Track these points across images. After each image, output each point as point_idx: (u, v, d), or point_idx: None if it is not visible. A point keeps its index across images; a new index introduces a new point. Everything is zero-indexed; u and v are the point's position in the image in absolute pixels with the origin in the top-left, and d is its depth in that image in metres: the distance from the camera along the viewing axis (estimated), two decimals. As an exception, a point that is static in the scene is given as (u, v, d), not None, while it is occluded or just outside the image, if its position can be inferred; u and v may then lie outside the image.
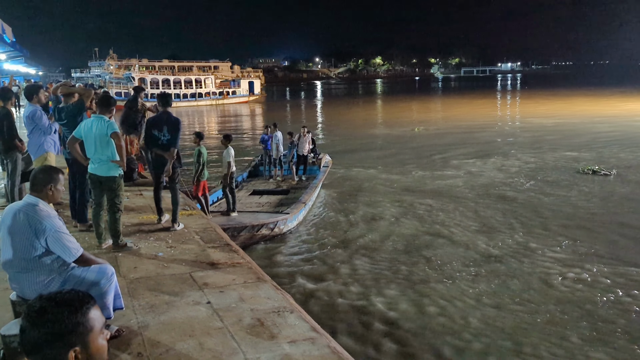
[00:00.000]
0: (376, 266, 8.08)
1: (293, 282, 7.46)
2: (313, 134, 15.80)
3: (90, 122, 5.27)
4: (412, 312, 6.50)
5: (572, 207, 11.43)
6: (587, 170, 14.71)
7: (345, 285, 7.33)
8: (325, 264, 8.22)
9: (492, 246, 8.84)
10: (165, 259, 5.39)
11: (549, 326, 6.07)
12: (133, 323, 3.93)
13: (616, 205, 11.53)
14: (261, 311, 4.21)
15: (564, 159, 17.37)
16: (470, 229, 9.85)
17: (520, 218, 10.50)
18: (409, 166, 16.94)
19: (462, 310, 6.50)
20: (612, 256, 8.40)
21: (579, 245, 8.90)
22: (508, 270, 7.79)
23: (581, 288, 7.15)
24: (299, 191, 11.89)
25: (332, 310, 6.47)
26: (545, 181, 14.07)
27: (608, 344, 5.69)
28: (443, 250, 8.74)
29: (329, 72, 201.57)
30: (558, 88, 73.79)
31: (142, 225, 6.69)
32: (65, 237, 3.24)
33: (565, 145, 20.66)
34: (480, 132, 26.51)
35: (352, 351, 5.12)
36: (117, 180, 5.36)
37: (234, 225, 8.68)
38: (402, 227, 10.09)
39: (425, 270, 7.84)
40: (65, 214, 6.91)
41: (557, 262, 8.12)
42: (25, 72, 39.55)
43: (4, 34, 20.45)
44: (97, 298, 3.46)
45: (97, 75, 66.67)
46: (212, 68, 70.47)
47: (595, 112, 35.45)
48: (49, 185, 3.29)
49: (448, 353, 5.53)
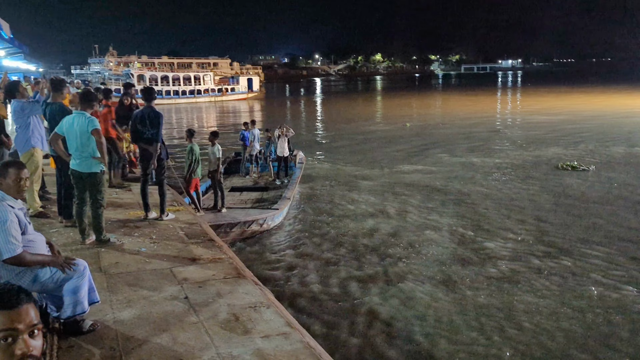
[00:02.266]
0: (356, 261, 8.14)
1: (277, 277, 7.48)
2: (309, 129, 15.81)
3: (72, 119, 5.30)
4: (394, 308, 6.52)
5: (533, 201, 11.59)
6: (565, 167, 14.91)
7: (328, 279, 7.34)
8: (310, 258, 8.23)
9: (453, 243, 8.88)
10: (147, 254, 5.42)
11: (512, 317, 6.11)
12: (109, 318, 3.96)
13: (578, 198, 11.81)
14: (238, 306, 4.24)
15: (547, 155, 17.50)
16: (437, 223, 9.93)
17: (484, 214, 10.70)
18: (388, 161, 17.21)
19: (448, 308, 6.52)
20: (555, 245, 8.68)
21: (528, 237, 9.16)
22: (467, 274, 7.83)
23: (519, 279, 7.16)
24: (277, 188, 11.99)
25: (314, 306, 6.48)
26: (519, 177, 14.20)
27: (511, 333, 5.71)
28: (424, 246, 8.77)
29: (329, 69, 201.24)
30: (558, 85, 73.72)
31: (128, 221, 6.72)
32: (6, 234, 3.10)
33: (553, 141, 20.86)
34: (471, 128, 26.63)
35: (330, 346, 5.16)
36: (98, 176, 5.39)
37: (228, 221, 8.71)
38: (377, 222, 10.21)
39: (405, 265, 7.87)
40: (52, 209, 6.98)
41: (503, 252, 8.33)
42: (25, 69, 39.45)
43: (2, 30, 20.48)
44: (71, 292, 3.50)
45: (96, 72, 66.73)
46: (211, 65, 70.48)
47: (590, 108, 35.62)
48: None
49: (427, 348, 5.55)
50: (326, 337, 5.58)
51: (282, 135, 12.82)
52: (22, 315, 1.39)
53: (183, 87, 58.69)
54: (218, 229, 8.33)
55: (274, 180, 12.73)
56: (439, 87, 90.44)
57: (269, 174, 13.26)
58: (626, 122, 27.38)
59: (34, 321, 1.41)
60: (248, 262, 7.05)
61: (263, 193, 11.61)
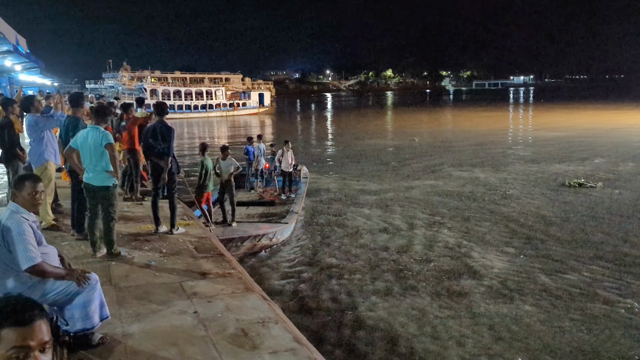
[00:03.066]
0: (364, 275, 8.12)
1: (286, 291, 7.47)
2: (318, 143, 16.00)
3: (86, 133, 5.38)
4: (401, 325, 6.47)
5: (539, 217, 11.58)
6: (573, 184, 14.96)
7: (336, 294, 7.33)
8: (318, 273, 8.25)
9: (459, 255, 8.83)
10: (157, 268, 5.44)
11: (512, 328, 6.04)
12: (118, 331, 3.97)
13: (579, 214, 11.90)
14: (246, 321, 4.24)
15: (556, 171, 17.51)
16: (444, 237, 9.94)
17: (488, 227, 10.79)
18: (394, 175, 17.36)
19: (459, 324, 6.46)
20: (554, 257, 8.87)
21: (524, 251, 9.30)
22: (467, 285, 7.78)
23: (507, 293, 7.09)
24: (283, 202, 12.00)
25: (323, 321, 6.46)
26: (525, 193, 14.20)
27: None
28: (430, 260, 8.75)
29: (340, 84, 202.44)
30: (570, 102, 73.42)
31: (138, 234, 6.76)
32: (25, 243, 3.15)
33: (562, 157, 20.83)
34: (479, 144, 26.70)
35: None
36: (110, 190, 5.44)
37: (240, 235, 8.74)
38: (383, 236, 10.27)
39: (415, 280, 7.83)
40: (65, 222, 7.04)
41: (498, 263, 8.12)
42: (41, 83, 40.14)
43: (19, 45, 20.91)
44: (81, 306, 3.52)
45: (110, 87, 67.73)
46: (223, 80, 71.17)
47: (601, 125, 35.53)
48: (15, 191, 3.30)
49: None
50: (334, 354, 5.55)
51: (286, 151, 12.91)
52: (36, 332, 1.37)
53: (195, 101, 59.31)
54: (230, 242, 8.37)
55: (279, 195, 12.76)
56: (450, 103, 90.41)
57: (273, 188, 13.29)
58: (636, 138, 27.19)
59: (45, 338, 1.40)
60: (257, 277, 7.07)
61: (269, 208, 11.64)
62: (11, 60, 20.82)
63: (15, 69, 23.89)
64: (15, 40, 20.01)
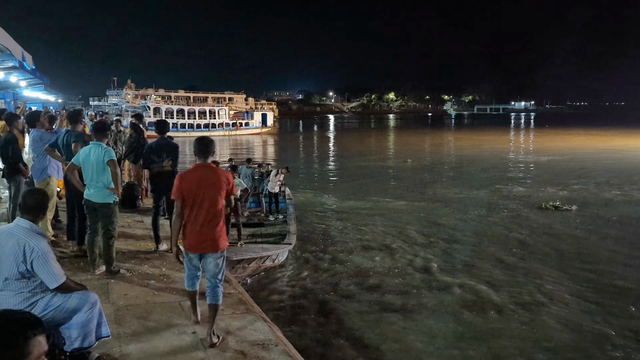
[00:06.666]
0: (362, 296, 8.11)
1: (285, 313, 7.38)
2: (317, 163, 16.34)
3: (89, 149, 5.37)
4: (409, 345, 6.37)
5: (504, 239, 12.03)
6: (549, 206, 15.41)
7: (336, 315, 7.25)
8: (318, 294, 8.18)
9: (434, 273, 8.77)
10: (156, 287, 5.37)
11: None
12: (115, 351, 3.90)
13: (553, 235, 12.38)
14: (246, 343, 4.16)
15: (535, 194, 17.84)
16: (439, 261, 9.91)
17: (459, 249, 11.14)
18: (383, 194, 17.94)
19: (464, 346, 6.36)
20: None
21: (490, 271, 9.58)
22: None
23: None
24: (272, 224, 11.93)
25: (324, 344, 6.36)
26: (498, 215, 14.71)
27: None
28: (427, 281, 8.70)
29: (342, 106, 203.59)
30: (569, 127, 73.69)
31: (138, 252, 6.70)
32: (51, 263, 3.25)
33: (546, 181, 21.12)
34: (471, 165, 27.43)
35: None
36: (111, 207, 5.41)
37: (249, 256, 8.64)
38: (375, 255, 10.52)
39: (414, 300, 7.76)
40: (64, 238, 6.99)
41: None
42: (45, 99, 40.38)
43: (24, 61, 21.06)
44: (80, 325, 3.46)
45: (114, 104, 68.25)
46: (226, 99, 71.74)
47: (597, 150, 35.88)
48: (40, 210, 3.34)
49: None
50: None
51: (280, 174, 12.78)
52: (42, 343, 1.41)
53: (198, 120, 59.62)
54: (239, 263, 8.31)
55: (266, 217, 12.62)
56: (452, 127, 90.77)
57: (261, 210, 13.18)
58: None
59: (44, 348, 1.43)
60: (257, 298, 6.97)
61: (260, 229, 11.53)
62: (16, 76, 20.90)
63: (20, 85, 23.99)
64: (22, 56, 20.15)
